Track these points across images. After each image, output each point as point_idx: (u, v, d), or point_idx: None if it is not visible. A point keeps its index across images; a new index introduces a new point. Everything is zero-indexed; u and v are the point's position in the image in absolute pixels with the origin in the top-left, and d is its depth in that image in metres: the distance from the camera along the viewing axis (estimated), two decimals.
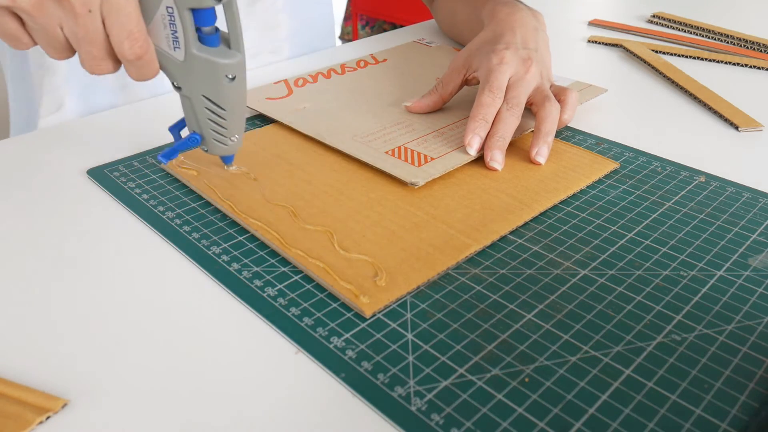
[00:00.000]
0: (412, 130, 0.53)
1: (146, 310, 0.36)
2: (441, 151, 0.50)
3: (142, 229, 0.42)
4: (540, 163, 0.50)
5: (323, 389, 0.31)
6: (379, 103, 0.59)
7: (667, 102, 0.64)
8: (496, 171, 0.49)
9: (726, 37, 0.81)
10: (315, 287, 0.37)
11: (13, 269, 0.39)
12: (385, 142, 0.51)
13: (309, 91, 0.61)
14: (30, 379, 0.31)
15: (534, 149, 0.50)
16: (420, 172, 0.47)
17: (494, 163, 0.49)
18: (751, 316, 0.35)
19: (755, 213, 0.44)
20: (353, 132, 0.53)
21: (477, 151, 0.49)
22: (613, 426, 0.29)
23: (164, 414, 0.30)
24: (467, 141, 0.49)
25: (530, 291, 0.37)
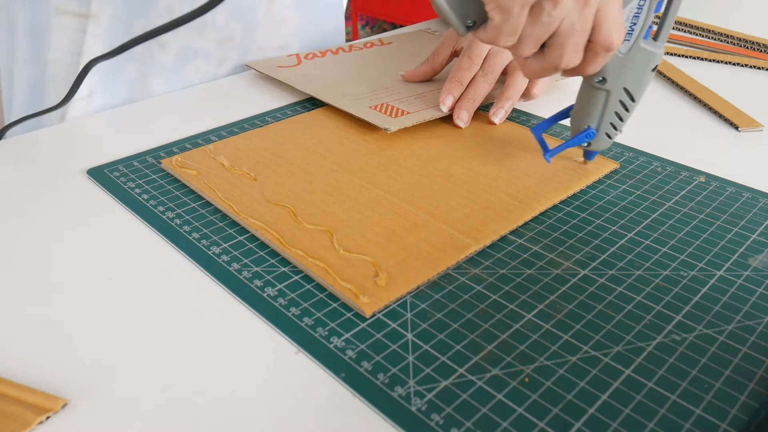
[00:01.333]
0: (397, 93, 0.60)
1: (146, 310, 0.36)
2: (418, 107, 0.56)
3: (142, 229, 0.42)
4: (495, 123, 0.56)
5: (323, 389, 0.31)
6: (376, 74, 0.65)
7: (667, 102, 0.64)
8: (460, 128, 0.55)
9: (726, 37, 0.81)
10: (315, 287, 0.37)
11: (12, 269, 0.39)
12: (371, 100, 0.58)
13: (316, 63, 0.68)
14: (30, 379, 0.31)
15: (492, 110, 0.56)
16: (394, 122, 0.53)
17: (459, 121, 0.55)
18: (751, 316, 0.35)
19: (755, 213, 0.44)
20: (345, 93, 0.60)
21: (449, 108, 0.55)
22: (613, 426, 0.29)
23: (164, 414, 0.30)
24: (442, 99, 0.55)
25: (530, 291, 0.37)
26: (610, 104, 0.44)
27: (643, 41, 0.42)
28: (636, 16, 0.41)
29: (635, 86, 0.44)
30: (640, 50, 0.42)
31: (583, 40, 0.39)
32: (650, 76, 0.44)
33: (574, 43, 0.39)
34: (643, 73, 0.43)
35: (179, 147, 0.52)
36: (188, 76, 0.66)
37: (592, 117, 0.45)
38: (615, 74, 0.43)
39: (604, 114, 0.45)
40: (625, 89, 0.44)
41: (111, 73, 0.62)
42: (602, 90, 0.44)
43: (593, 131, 0.46)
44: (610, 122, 0.45)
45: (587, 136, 0.46)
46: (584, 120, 0.46)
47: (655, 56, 0.43)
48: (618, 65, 0.43)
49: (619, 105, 0.44)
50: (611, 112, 0.45)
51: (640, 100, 0.45)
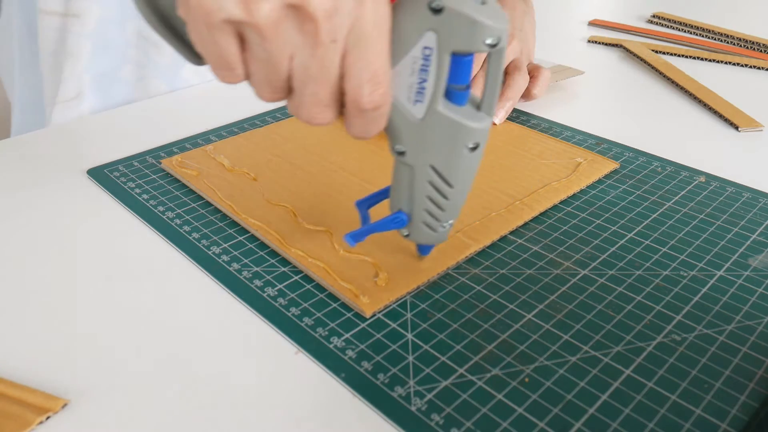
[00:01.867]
0: None
1: (146, 309, 0.36)
2: None
3: (142, 229, 0.42)
4: (495, 124, 0.56)
5: (323, 389, 0.31)
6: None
7: (667, 102, 0.64)
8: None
9: (726, 37, 0.81)
10: (315, 287, 0.37)
11: (12, 269, 0.39)
12: None
13: None
14: (30, 379, 0.31)
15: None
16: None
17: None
18: (751, 316, 0.35)
19: (755, 213, 0.44)
20: None
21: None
22: (613, 426, 0.29)
23: (164, 414, 0.30)
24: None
25: (530, 291, 0.37)
26: (417, 184, 0.34)
27: (446, 106, 0.31)
28: (424, 70, 0.30)
29: (446, 166, 0.33)
30: (441, 118, 0.31)
31: (325, 92, 0.30)
32: (468, 156, 0.32)
33: (312, 94, 0.30)
34: (452, 149, 0.32)
35: (179, 147, 0.52)
36: (187, 76, 0.66)
37: (399, 198, 0.35)
38: (413, 146, 0.32)
39: (413, 196, 0.34)
40: (433, 167, 0.33)
41: (105, 76, 0.62)
42: (406, 165, 0.33)
43: (404, 216, 0.35)
44: (424, 208, 0.34)
45: (396, 222, 0.36)
46: (396, 201, 0.35)
47: (467, 129, 0.31)
48: (413, 134, 0.32)
49: (429, 187, 0.33)
50: (422, 197, 0.34)
51: (461, 186, 0.34)
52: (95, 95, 0.62)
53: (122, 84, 0.63)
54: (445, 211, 0.34)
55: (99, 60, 0.60)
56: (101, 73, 0.61)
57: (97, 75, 0.61)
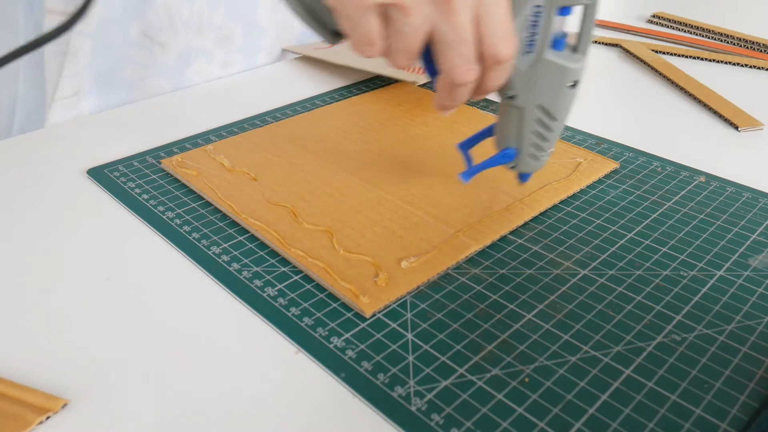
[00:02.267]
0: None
1: (146, 309, 0.36)
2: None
3: (142, 229, 0.42)
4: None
5: (323, 389, 0.31)
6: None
7: (667, 102, 0.64)
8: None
9: (726, 37, 0.81)
10: (315, 287, 0.37)
11: (12, 269, 0.39)
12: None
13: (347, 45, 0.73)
14: (30, 379, 0.31)
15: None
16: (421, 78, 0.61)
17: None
18: (751, 316, 0.35)
19: (755, 213, 0.44)
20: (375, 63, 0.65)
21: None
22: (613, 426, 0.29)
23: (164, 414, 0.30)
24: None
25: (530, 291, 0.37)
26: (526, 123, 0.39)
27: (552, 53, 0.37)
28: (535, 25, 0.36)
29: (551, 104, 0.38)
30: (548, 64, 0.37)
31: (469, 51, 0.34)
32: (569, 93, 0.38)
33: (459, 55, 0.34)
34: (558, 90, 0.38)
35: (179, 147, 0.52)
36: (191, 76, 0.66)
37: (509, 136, 0.40)
38: (524, 91, 0.38)
39: (521, 134, 0.40)
40: (540, 107, 0.38)
41: (106, 75, 0.62)
42: (515, 107, 0.39)
43: (512, 152, 0.41)
44: (530, 143, 0.40)
45: (505, 157, 0.41)
46: (504, 139, 0.41)
47: (570, 71, 0.37)
48: (525, 80, 0.38)
49: (536, 124, 0.39)
50: (529, 132, 0.40)
51: (564, 117, 0.40)
52: (95, 94, 0.62)
53: (123, 84, 0.63)
54: (548, 141, 0.40)
55: (100, 59, 0.60)
56: (102, 72, 0.61)
57: (97, 74, 0.61)
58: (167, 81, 0.65)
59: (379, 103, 0.60)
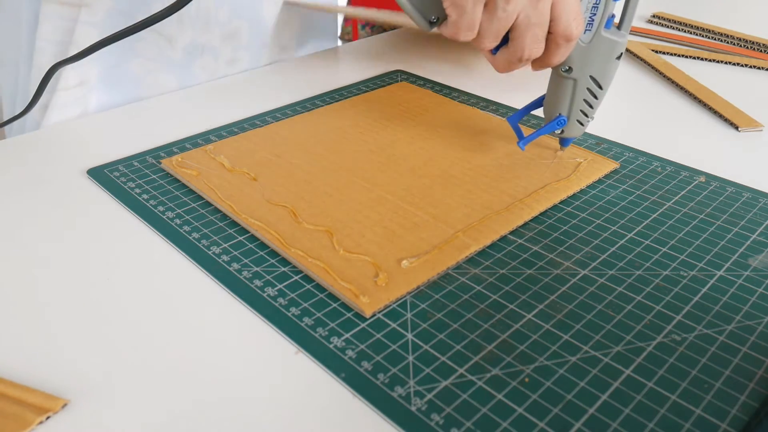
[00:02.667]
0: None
1: (146, 310, 0.36)
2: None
3: (142, 229, 0.42)
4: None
5: (323, 389, 0.31)
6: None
7: (667, 102, 0.64)
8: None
9: (726, 37, 0.81)
10: (315, 287, 0.37)
11: (12, 269, 0.39)
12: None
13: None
14: (30, 379, 0.31)
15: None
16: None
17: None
18: (751, 316, 0.35)
19: (755, 213, 0.44)
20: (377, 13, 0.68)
21: None
22: (613, 426, 0.29)
23: (164, 414, 0.30)
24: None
25: (530, 291, 0.37)
26: (578, 92, 0.46)
27: (605, 31, 0.44)
28: (595, 7, 0.43)
29: (601, 74, 0.46)
30: (603, 39, 0.44)
31: (543, 32, 0.41)
32: (615, 64, 0.46)
33: (534, 35, 0.41)
34: (608, 61, 0.45)
35: (179, 147, 0.52)
36: (197, 72, 0.66)
37: (562, 105, 0.47)
38: (580, 63, 0.45)
39: (573, 102, 0.47)
40: (591, 77, 0.46)
41: (113, 68, 0.62)
42: (569, 79, 0.46)
43: (564, 119, 0.48)
44: (580, 110, 0.47)
45: (559, 124, 0.48)
46: (555, 108, 0.48)
47: (619, 45, 0.45)
48: (582, 55, 0.45)
49: (587, 93, 0.46)
50: (580, 100, 0.47)
51: (608, 87, 0.47)
52: (103, 87, 0.62)
53: (131, 77, 0.63)
54: (593, 108, 0.47)
55: (106, 51, 0.60)
56: (109, 65, 0.61)
57: (105, 67, 0.61)
58: (173, 76, 0.65)
59: (379, 103, 0.60)
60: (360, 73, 0.69)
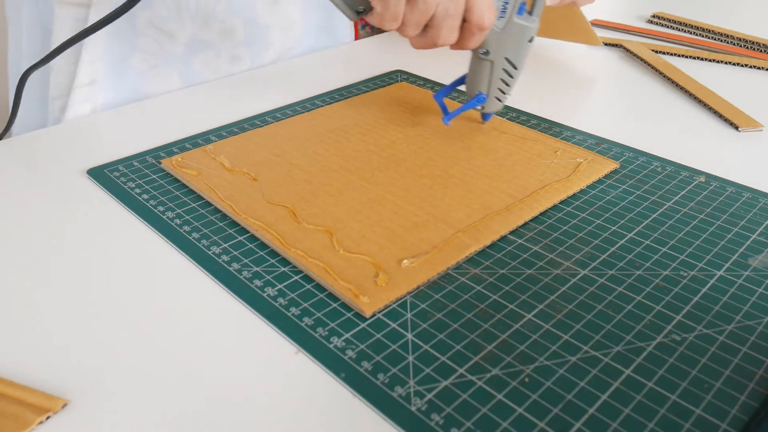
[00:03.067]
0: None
1: (146, 310, 0.36)
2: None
3: (142, 229, 0.42)
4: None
5: (323, 389, 0.31)
6: None
7: (667, 102, 0.64)
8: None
9: (726, 37, 0.81)
10: (315, 287, 0.37)
11: (12, 269, 0.39)
12: None
13: None
14: (30, 379, 0.31)
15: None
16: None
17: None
18: (751, 316, 0.35)
19: (755, 213, 0.44)
20: None
21: None
22: (613, 426, 0.29)
23: (164, 414, 0.30)
24: None
25: (530, 291, 0.37)
26: (495, 73, 0.51)
27: (517, 17, 0.48)
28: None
29: (515, 56, 0.50)
30: (515, 25, 0.49)
31: (457, 23, 0.46)
32: (528, 47, 0.50)
33: (449, 26, 0.45)
34: (521, 45, 0.50)
35: (179, 147, 0.52)
36: (198, 68, 0.66)
37: (481, 84, 0.52)
38: (495, 47, 0.50)
39: (491, 81, 0.51)
40: (506, 59, 0.50)
41: (117, 63, 0.62)
42: (487, 60, 0.50)
43: (484, 96, 0.52)
44: (498, 88, 0.52)
45: (478, 101, 0.53)
46: (475, 87, 0.52)
47: (530, 29, 0.49)
48: (497, 39, 0.49)
49: (503, 73, 0.51)
50: (497, 80, 0.51)
51: (522, 67, 0.52)
52: (108, 83, 0.62)
53: (134, 72, 0.63)
54: (510, 87, 0.52)
55: (111, 48, 0.61)
56: (114, 60, 0.62)
57: (110, 62, 0.61)
58: (176, 70, 0.65)
59: (379, 103, 0.60)
60: (360, 73, 0.69)
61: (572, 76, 0.69)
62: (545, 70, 0.71)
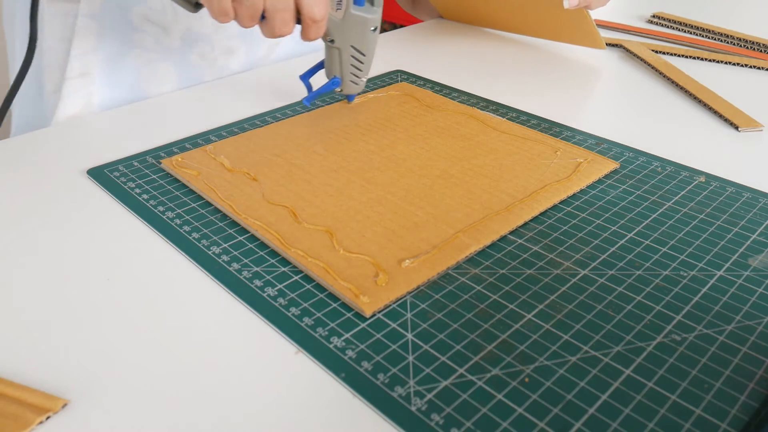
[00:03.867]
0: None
1: (146, 310, 0.36)
2: None
3: (142, 229, 0.42)
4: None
5: (323, 389, 0.31)
6: None
7: (667, 102, 0.64)
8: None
9: (726, 37, 0.81)
10: (315, 287, 0.37)
11: (12, 269, 0.39)
12: None
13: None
14: (30, 379, 0.31)
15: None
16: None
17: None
18: (751, 316, 0.35)
19: (755, 213, 0.44)
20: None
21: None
22: (613, 426, 0.29)
23: (164, 414, 0.30)
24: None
25: (530, 291, 0.37)
26: (344, 59, 0.55)
27: (355, 8, 0.52)
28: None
29: (360, 44, 0.54)
30: (353, 16, 0.52)
31: (290, 16, 0.48)
32: (373, 35, 0.54)
33: (282, 18, 0.47)
34: (364, 34, 0.54)
35: (179, 147, 0.52)
36: (195, 61, 0.66)
37: (335, 68, 0.56)
38: (339, 36, 0.53)
39: (342, 66, 0.55)
40: (353, 47, 0.54)
41: (113, 57, 0.62)
42: (335, 48, 0.54)
43: (338, 79, 0.56)
44: (350, 72, 0.56)
45: (334, 84, 0.57)
46: (330, 71, 0.56)
47: (370, 20, 0.53)
48: (338, 29, 0.53)
49: (352, 59, 0.55)
50: (348, 65, 0.55)
51: (370, 54, 0.55)
52: (104, 78, 0.62)
53: (130, 67, 0.63)
54: (362, 71, 0.56)
55: (106, 42, 0.61)
56: (109, 54, 0.62)
57: (105, 57, 0.62)
58: (172, 65, 0.65)
59: (379, 104, 0.60)
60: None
61: (572, 76, 0.69)
62: (545, 70, 0.71)
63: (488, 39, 0.81)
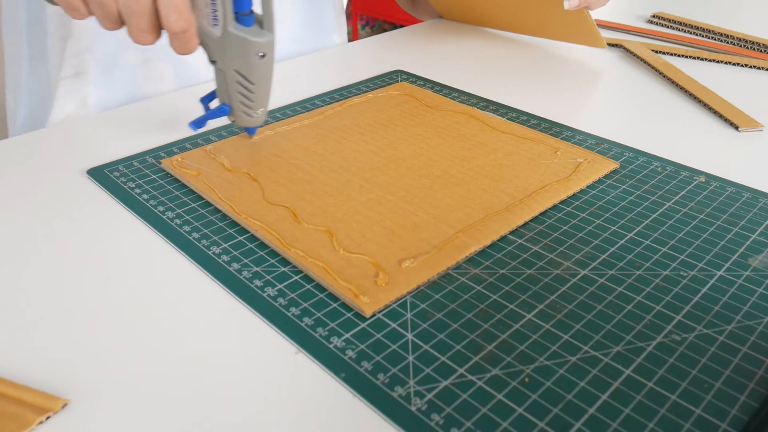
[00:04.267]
0: None
1: (146, 310, 0.36)
2: None
3: (142, 229, 0.42)
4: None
5: (323, 389, 0.31)
6: None
7: (667, 102, 0.64)
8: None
9: (726, 37, 0.81)
10: (315, 287, 0.37)
11: (12, 269, 0.39)
12: None
13: None
14: (30, 379, 0.31)
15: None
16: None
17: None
18: (751, 316, 0.35)
19: (755, 213, 0.44)
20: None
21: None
22: (613, 426, 0.29)
23: (164, 414, 0.30)
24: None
25: (530, 291, 0.37)
26: (230, 84, 0.47)
27: (236, 27, 0.44)
28: (213, 3, 0.43)
29: (245, 70, 0.46)
30: (232, 36, 0.44)
31: (145, 23, 0.42)
32: (260, 62, 0.45)
33: (136, 24, 0.42)
34: (248, 58, 0.45)
35: (179, 147, 0.52)
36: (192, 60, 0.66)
37: (222, 94, 0.48)
38: (220, 57, 0.46)
39: (229, 92, 0.47)
40: (236, 71, 0.46)
41: (109, 57, 0.62)
42: (220, 70, 0.47)
43: (226, 107, 0.48)
44: (239, 101, 0.48)
45: (222, 111, 0.49)
46: (220, 96, 0.49)
47: (254, 43, 0.44)
48: (218, 48, 0.45)
49: (238, 86, 0.47)
50: (235, 92, 0.47)
51: (262, 83, 0.47)
52: (101, 77, 0.62)
53: (127, 66, 0.63)
54: (253, 102, 0.48)
55: (103, 41, 0.61)
56: (105, 54, 0.62)
57: (101, 57, 0.62)
58: (169, 63, 0.65)
59: (379, 103, 0.60)
60: (360, 73, 0.69)
61: (572, 76, 0.69)
62: (545, 70, 0.71)
63: (488, 39, 0.81)
